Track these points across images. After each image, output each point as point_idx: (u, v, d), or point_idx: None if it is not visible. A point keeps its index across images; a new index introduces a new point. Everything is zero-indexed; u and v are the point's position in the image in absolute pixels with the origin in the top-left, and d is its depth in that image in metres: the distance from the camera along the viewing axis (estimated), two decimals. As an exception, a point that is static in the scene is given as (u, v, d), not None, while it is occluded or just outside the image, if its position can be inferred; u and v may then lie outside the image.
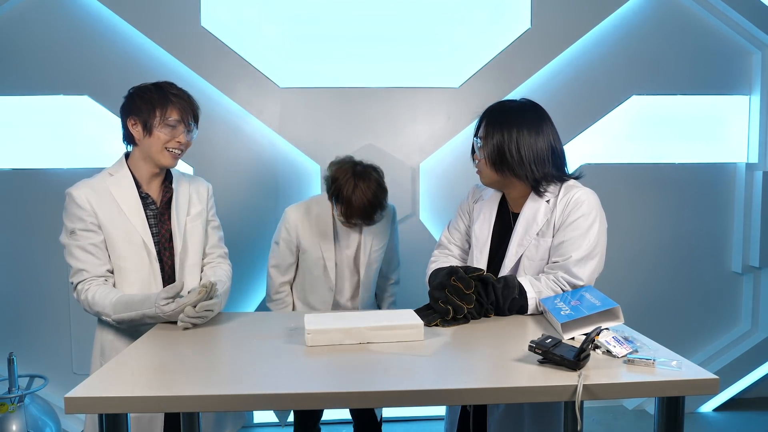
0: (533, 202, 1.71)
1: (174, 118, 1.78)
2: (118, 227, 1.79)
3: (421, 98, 3.17)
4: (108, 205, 1.79)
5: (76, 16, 3.01)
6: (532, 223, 1.70)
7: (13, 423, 2.71)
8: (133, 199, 1.81)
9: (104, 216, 1.78)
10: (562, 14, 3.15)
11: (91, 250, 1.77)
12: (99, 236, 1.78)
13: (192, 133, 1.85)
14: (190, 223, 1.91)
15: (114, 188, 1.80)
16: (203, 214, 1.97)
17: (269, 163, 3.16)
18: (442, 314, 1.58)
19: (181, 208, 1.89)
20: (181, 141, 1.80)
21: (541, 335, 1.30)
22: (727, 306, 3.48)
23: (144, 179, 1.85)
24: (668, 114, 3.35)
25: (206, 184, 2.04)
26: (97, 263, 1.77)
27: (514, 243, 1.72)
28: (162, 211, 1.88)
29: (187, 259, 1.89)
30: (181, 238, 1.88)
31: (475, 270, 1.64)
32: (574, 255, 1.63)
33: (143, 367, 1.30)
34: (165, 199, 1.89)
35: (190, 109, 1.82)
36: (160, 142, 1.78)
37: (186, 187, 1.94)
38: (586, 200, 1.66)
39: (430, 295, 1.65)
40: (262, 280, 3.16)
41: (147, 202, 1.85)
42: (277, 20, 3.12)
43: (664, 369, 1.22)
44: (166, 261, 1.87)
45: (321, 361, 1.32)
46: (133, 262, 1.80)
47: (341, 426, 3.11)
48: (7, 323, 3.12)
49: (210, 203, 2.02)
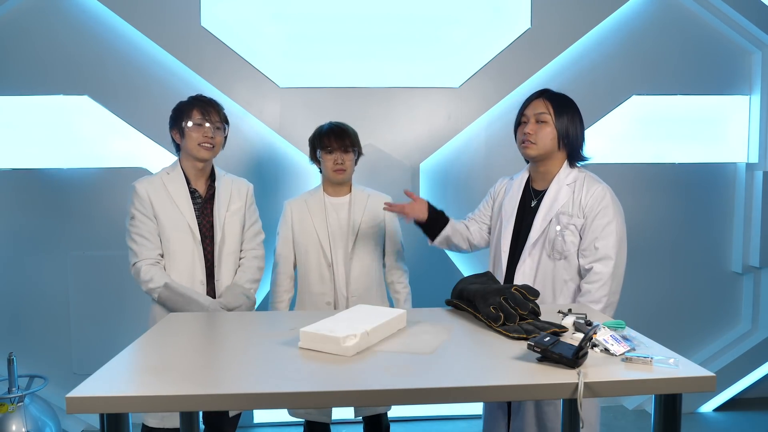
0: (557, 184, 1.98)
1: (198, 118, 2.10)
2: (169, 216, 2.10)
3: (421, 98, 3.17)
4: (162, 197, 2.10)
5: (76, 16, 3.02)
6: (555, 202, 1.96)
7: (13, 423, 2.71)
8: (183, 193, 2.13)
9: (159, 206, 2.10)
10: (562, 14, 3.15)
11: (147, 235, 2.09)
12: (153, 224, 2.10)
13: (220, 130, 2.15)
14: (229, 218, 2.19)
15: (168, 183, 2.13)
16: (242, 210, 2.24)
17: (269, 163, 3.16)
18: (492, 319, 1.54)
19: (222, 204, 2.18)
20: (208, 135, 2.10)
21: (540, 334, 1.30)
22: (727, 306, 3.48)
23: (192, 176, 2.17)
24: (668, 114, 3.35)
25: (248, 184, 2.30)
26: (150, 247, 2.09)
27: (539, 217, 1.97)
28: (205, 203, 2.17)
29: (224, 248, 2.17)
30: (221, 230, 2.16)
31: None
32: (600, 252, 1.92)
33: (143, 367, 1.30)
34: (209, 194, 2.18)
35: (213, 109, 2.13)
36: (192, 140, 2.10)
37: (228, 185, 2.22)
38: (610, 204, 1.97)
39: (482, 298, 1.61)
40: (262, 281, 3.15)
41: (194, 196, 2.15)
42: (277, 20, 3.13)
43: (661, 367, 1.23)
44: (207, 248, 2.15)
45: (321, 360, 1.32)
46: (180, 246, 2.10)
47: (351, 426, 3.11)
48: (7, 323, 3.12)
49: (249, 201, 2.28)
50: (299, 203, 2.42)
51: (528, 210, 2.04)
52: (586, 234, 1.92)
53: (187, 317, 1.80)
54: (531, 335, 1.43)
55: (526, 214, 2.04)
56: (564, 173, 2.00)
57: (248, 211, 2.28)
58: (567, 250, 1.94)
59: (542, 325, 1.48)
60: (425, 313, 1.75)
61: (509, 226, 2.05)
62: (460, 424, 3.24)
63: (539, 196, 2.02)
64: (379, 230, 2.41)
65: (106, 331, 3.10)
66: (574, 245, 1.94)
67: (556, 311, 1.67)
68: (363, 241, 2.37)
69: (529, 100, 2.03)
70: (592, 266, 1.90)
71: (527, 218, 2.02)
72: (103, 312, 3.11)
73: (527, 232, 2.00)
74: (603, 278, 1.89)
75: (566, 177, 1.99)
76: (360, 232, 2.36)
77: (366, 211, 2.39)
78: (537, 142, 1.96)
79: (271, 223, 3.14)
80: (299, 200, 2.44)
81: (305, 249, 2.38)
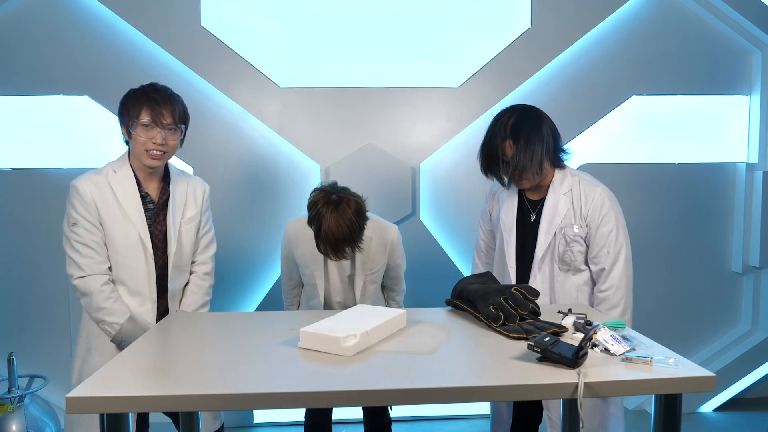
0: (553, 195, 1.97)
1: (146, 119, 1.77)
2: (117, 223, 1.81)
3: (421, 98, 3.17)
4: (109, 201, 1.81)
5: (76, 16, 3.01)
6: (555, 215, 1.96)
7: (13, 423, 2.71)
8: (133, 198, 1.83)
9: (105, 211, 1.81)
10: (562, 14, 3.15)
11: (93, 246, 1.81)
12: (99, 233, 1.81)
13: (174, 131, 1.81)
14: (184, 226, 1.92)
15: (116, 185, 1.82)
16: (197, 217, 1.97)
17: (269, 163, 3.16)
18: (492, 319, 1.55)
19: (177, 211, 1.90)
20: (157, 141, 1.77)
21: (540, 334, 1.30)
22: (727, 306, 3.48)
23: (142, 177, 1.87)
24: (668, 114, 3.35)
25: (203, 185, 2.02)
26: (98, 260, 1.81)
27: (542, 232, 1.97)
28: (158, 211, 1.89)
29: (179, 261, 1.92)
30: (176, 241, 1.89)
31: None
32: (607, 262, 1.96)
33: (143, 367, 1.30)
34: (162, 200, 1.90)
35: (165, 108, 1.78)
36: (138, 144, 1.79)
37: (183, 189, 1.94)
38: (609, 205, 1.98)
39: (482, 298, 1.62)
40: (262, 281, 3.17)
41: (145, 201, 1.86)
42: (277, 20, 3.13)
43: (661, 367, 1.23)
44: (158, 260, 1.89)
45: (321, 360, 1.32)
46: (129, 259, 1.83)
47: (352, 426, 3.11)
48: (7, 323, 3.12)
49: (204, 206, 2.00)
50: (299, 236, 2.15)
51: (528, 223, 2.04)
52: (594, 242, 1.95)
53: (187, 317, 1.80)
54: (531, 335, 1.43)
55: (527, 227, 2.04)
56: (558, 181, 1.98)
57: (203, 216, 1.98)
58: (575, 259, 1.97)
59: (542, 325, 1.48)
60: (425, 313, 1.75)
61: (512, 241, 2.04)
62: (460, 424, 3.24)
63: (536, 208, 2.02)
64: (382, 271, 2.24)
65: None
66: (581, 254, 1.98)
67: (556, 311, 1.67)
68: (367, 288, 2.21)
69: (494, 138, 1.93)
70: (604, 271, 1.95)
71: (529, 232, 2.03)
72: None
73: (531, 245, 2.01)
74: (616, 282, 1.94)
75: (561, 185, 1.98)
76: (366, 284, 2.19)
77: (369, 260, 2.16)
78: (527, 180, 1.94)
79: (272, 223, 3.15)
80: (299, 231, 2.14)
81: (305, 281, 2.23)
